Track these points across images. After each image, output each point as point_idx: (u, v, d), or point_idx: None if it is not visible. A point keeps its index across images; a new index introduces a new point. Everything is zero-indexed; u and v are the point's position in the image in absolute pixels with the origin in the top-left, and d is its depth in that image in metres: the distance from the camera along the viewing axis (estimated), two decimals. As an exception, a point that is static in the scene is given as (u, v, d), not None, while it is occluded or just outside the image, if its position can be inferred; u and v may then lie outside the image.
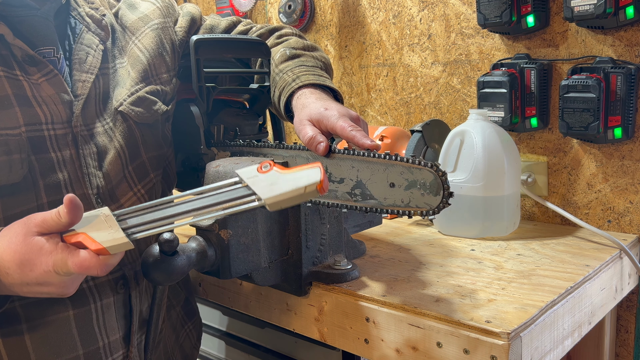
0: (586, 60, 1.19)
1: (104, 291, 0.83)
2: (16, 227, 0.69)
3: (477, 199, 1.12)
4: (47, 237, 0.68)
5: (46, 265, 0.67)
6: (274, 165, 0.67)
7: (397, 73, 1.52)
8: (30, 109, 0.78)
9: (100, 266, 0.67)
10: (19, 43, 0.78)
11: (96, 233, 0.68)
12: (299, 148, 0.89)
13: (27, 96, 0.78)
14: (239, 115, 1.08)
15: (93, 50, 0.87)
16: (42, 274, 0.67)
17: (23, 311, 0.77)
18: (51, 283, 0.68)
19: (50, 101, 0.80)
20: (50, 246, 0.67)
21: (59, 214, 0.67)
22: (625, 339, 1.22)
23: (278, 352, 1.15)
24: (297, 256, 0.91)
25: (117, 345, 0.85)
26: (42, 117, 0.79)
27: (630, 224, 1.18)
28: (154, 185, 0.93)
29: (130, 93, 0.89)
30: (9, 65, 0.78)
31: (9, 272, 0.68)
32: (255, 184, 0.67)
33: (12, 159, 0.75)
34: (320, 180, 0.65)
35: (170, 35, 0.99)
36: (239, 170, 0.69)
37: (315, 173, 0.65)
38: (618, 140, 1.14)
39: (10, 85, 0.77)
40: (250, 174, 0.68)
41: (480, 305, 0.82)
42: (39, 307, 0.78)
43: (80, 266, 0.66)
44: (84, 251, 0.67)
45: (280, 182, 0.66)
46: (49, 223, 0.67)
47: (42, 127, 0.79)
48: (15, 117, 0.77)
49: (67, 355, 0.80)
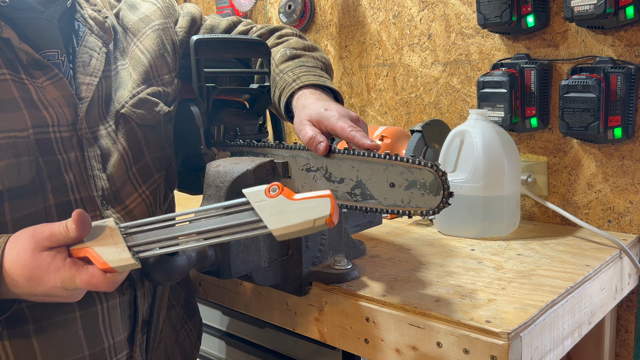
0: (586, 60, 1.19)
1: (110, 293, 0.84)
2: (24, 241, 0.69)
3: (477, 199, 1.12)
4: (55, 251, 0.69)
5: (54, 281, 0.68)
6: (282, 189, 0.65)
7: (397, 73, 1.52)
8: (37, 111, 0.78)
9: (108, 283, 0.68)
10: (25, 47, 0.78)
11: (102, 249, 0.68)
12: (299, 148, 0.89)
13: (33, 99, 0.78)
14: (239, 115, 1.08)
15: (96, 53, 0.87)
16: (50, 289, 0.68)
17: (30, 312, 0.78)
18: (59, 296, 0.70)
19: (55, 104, 0.80)
20: (58, 262, 0.68)
21: (67, 228, 0.68)
22: (625, 339, 1.22)
23: (278, 352, 1.15)
24: (297, 256, 0.91)
25: (122, 345, 0.86)
26: (48, 119, 0.79)
27: (630, 224, 1.18)
28: (158, 186, 0.94)
29: (132, 95, 0.89)
30: (15, 69, 0.78)
31: (17, 285, 0.69)
32: (263, 210, 0.65)
33: (20, 161, 0.75)
34: (330, 214, 0.63)
35: (171, 36, 0.99)
36: (246, 191, 0.67)
37: (325, 205, 0.63)
38: (618, 140, 1.14)
39: (17, 88, 0.77)
40: (258, 197, 0.66)
41: (480, 305, 0.82)
42: (46, 308, 0.78)
43: (89, 283, 0.68)
44: (92, 268, 0.68)
45: (289, 211, 0.64)
46: (57, 237, 0.68)
47: (49, 130, 0.79)
48: (23, 119, 0.77)
49: (73, 356, 0.80)
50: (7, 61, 0.77)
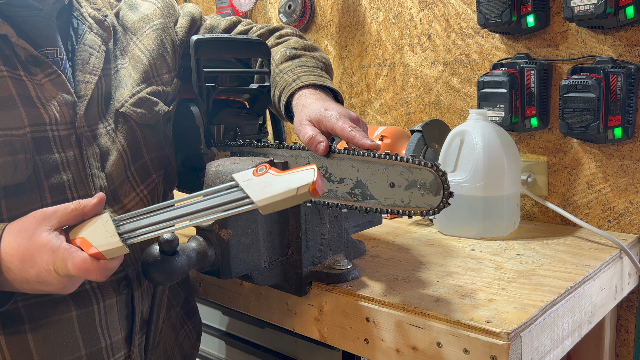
0: (586, 60, 1.19)
1: (106, 292, 0.84)
2: (30, 218, 0.70)
3: (477, 199, 1.12)
4: (56, 232, 0.69)
5: (47, 264, 0.67)
6: (269, 168, 0.67)
7: (397, 73, 1.52)
8: (35, 109, 0.78)
9: (100, 270, 0.68)
10: (23, 43, 0.78)
11: (94, 236, 0.69)
12: (299, 148, 0.89)
13: (31, 97, 0.78)
14: (239, 115, 1.08)
15: (96, 51, 0.87)
16: (42, 272, 0.68)
17: (26, 311, 0.77)
18: (50, 283, 0.69)
19: (53, 102, 0.80)
20: (55, 243, 0.68)
21: (80, 202, 0.70)
22: (625, 339, 1.22)
23: (278, 352, 1.15)
24: (297, 256, 0.91)
25: (120, 345, 0.86)
26: (46, 117, 0.79)
27: (630, 223, 1.18)
28: (156, 185, 0.93)
29: (131, 94, 0.89)
30: (13, 66, 0.78)
31: (11, 267, 0.69)
32: (249, 187, 0.67)
33: (17, 159, 0.75)
34: (313, 182, 0.63)
35: (171, 36, 0.99)
36: (235, 175, 0.69)
37: (308, 174, 0.64)
38: (618, 140, 1.14)
39: (15, 86, 0.77)
40: (246, 177, 0.68)
41: (480, 305, 0.82)
42: (42, 307, 0.78)
43: (80, 269, 0.67)
44: (85, 254, 0.67)
45: (274, 184, 0.65)
46: (67, 211, 0.70)
47: (47, 128, 0.79)
48: (20, 117, 0.77)
49: (70, 355, 0.80)
50: (4, 58, 0.77)
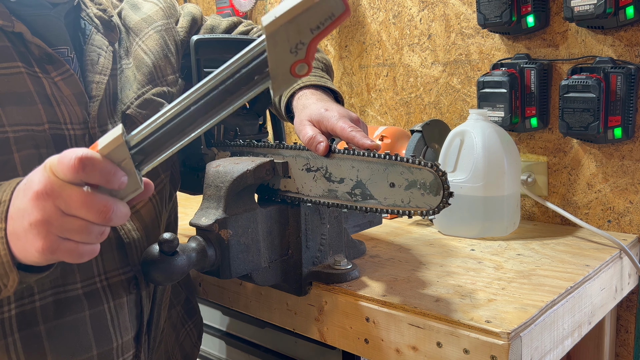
0: (586, 60, 1.19)
1: (116, 291, 0.84)
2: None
3: (477, 199, 1.12)
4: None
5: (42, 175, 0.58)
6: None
7: (397, 73, 1.52)
8: (51, 107, 0.78)
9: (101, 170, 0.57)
10: (37, 41, 0.78)
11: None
12: (299, 148, 0.89)
13: (47, 94, 0.78)
14: (239, 115, 1.08)
15: (104, 51, 0.87)
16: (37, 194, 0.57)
17: (41, 312, 0.78)
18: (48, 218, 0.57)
19: (67, 101, 0.80)
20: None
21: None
22: (625, 339, 1.22)
23: (278, 352, 1.15)
24: (297, 256, 0.91)
25: (129, 345, 0.86)
26: (60, 117, 0.79)
27: (630, 224, 1.18)
28: (164, 186, 0.94)
29: (137, 95, 0.89)
30: (28, 63, 0.78)
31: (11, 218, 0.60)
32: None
33: (40, 152, 0.76)
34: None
35: (173, 36, 0.99)
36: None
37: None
38: (618, 140, 1.14)
39: (32, 82, 0.77)
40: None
41: (480, 305, 0.83)
42: (57, 307, 0.78)
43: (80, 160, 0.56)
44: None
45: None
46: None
47: (62, 127, 0.79)
48: (39, 114, 0.77)
49: (82, 355, 0.80)
50: (20, 54, 0.77)
